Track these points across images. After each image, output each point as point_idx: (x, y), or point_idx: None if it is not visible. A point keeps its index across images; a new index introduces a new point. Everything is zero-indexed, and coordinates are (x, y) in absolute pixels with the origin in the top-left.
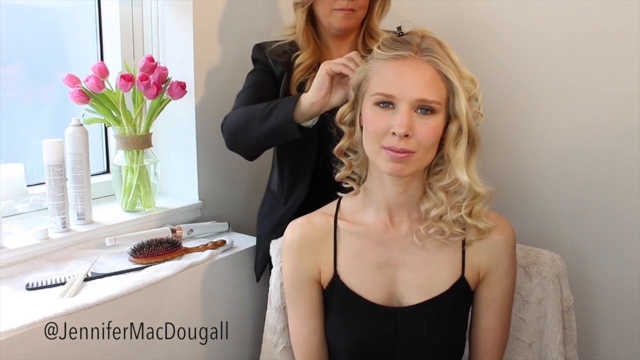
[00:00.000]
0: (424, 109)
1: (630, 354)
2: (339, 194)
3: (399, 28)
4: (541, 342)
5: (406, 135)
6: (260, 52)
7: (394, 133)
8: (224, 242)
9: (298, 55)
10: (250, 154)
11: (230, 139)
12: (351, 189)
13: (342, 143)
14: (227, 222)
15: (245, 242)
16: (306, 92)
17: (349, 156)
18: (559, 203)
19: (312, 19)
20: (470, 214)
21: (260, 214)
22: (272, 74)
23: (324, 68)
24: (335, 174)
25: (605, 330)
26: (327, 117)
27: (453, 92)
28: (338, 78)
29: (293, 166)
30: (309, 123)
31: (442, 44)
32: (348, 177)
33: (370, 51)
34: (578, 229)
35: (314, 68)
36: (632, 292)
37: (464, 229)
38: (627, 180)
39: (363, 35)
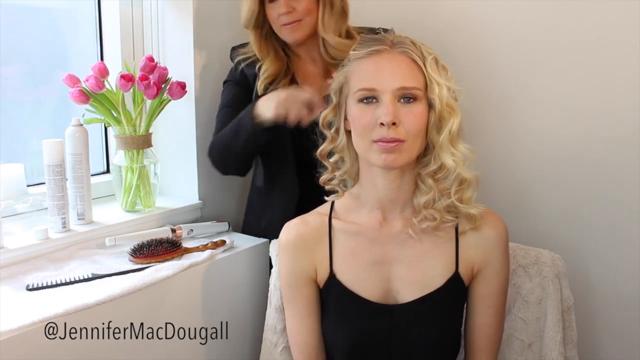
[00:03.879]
0: (407, 97)
1: (631, 354)
2: (325, 197)
3: (380, 29)
4: (541, 342)
5: (394, 124)
6: (233, 55)
7: (382, 124)
8: (224, 242)
9: (261, 66)
10: (243, 171)
11: (222, 166)
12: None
13: (325, 146)
14: (227, 222)
15: (245, 242)
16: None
17: (331, 159)
18: (558, 203)
19: (271, 35)
20: (460, 202)
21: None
22: (243, 86)
23: (278, 109)
24: (319, 178)
25: (605, 330)
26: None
27: (429, 80)
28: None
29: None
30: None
31: (415, 42)
32: (331, 180)
33: (333, 58)
34: (578, 228)
35: (281, 76)
36: (632, 292)
37: (456, 217)
38: (627, 179)
39: (324, 44)
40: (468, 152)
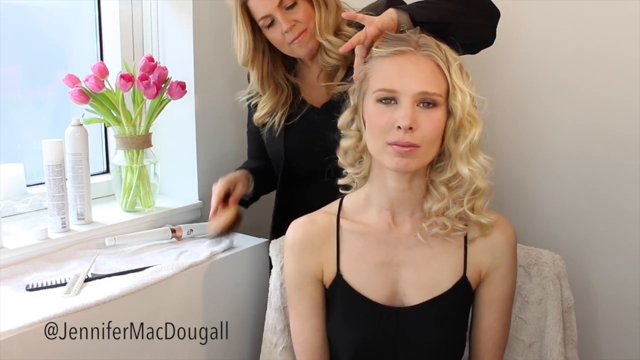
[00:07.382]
0: (426, 102)
1: (631, 353)
2: (341, 191)
3: (404, 27)
4: (541, 342)
5: (410, 128)
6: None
7: (399, 127)
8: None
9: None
10: None
11: None
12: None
13: (350, 143)
14: None
15: (245, 242)
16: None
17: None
18: (559, 203)
19: (273, 61)
20: (472, 210)
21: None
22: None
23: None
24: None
25: (605, 330)
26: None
27: (453, 85)
28: None
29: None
30: None
31: (439, 45)
32: (347, 188)
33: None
34: (578, 229)
35: (279, 107)
36: (632, 292)
37: (466, 225)
38: (627, 180)
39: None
40: (487, 164)
